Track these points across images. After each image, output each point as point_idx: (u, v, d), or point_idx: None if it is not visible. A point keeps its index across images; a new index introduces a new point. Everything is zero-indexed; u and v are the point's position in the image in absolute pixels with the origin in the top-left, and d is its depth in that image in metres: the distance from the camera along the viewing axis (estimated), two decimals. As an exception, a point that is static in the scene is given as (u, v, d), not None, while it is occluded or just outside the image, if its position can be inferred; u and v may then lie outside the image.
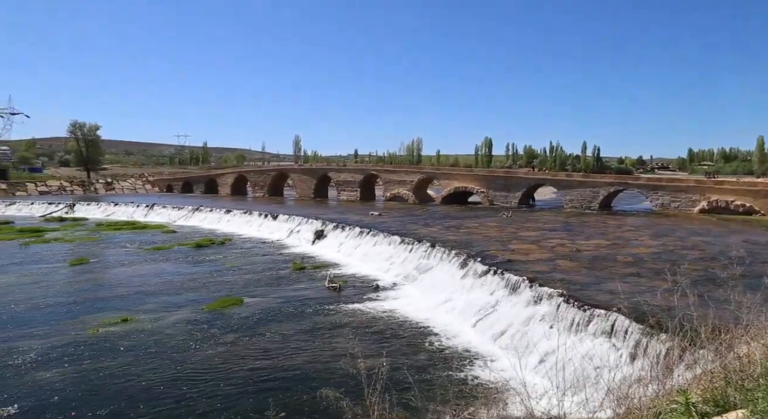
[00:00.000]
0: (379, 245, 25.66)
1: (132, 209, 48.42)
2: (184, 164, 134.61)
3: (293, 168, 69.13)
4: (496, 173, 51.04)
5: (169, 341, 13.82)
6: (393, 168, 57.17)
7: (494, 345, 13.06)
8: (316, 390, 10.60)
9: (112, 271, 23.86)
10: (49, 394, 10.61)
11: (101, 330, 14.69)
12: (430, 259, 21.47)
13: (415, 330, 14.89)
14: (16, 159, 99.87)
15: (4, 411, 9.90)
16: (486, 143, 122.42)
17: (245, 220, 38.98)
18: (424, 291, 18.95)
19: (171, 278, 21.91)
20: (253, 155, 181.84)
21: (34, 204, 53.98)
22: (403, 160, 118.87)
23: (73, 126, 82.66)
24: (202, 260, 26.03)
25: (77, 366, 12.06)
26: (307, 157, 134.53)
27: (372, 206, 44.74)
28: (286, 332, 14.66)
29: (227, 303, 17.46)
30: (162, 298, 18.52)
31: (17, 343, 13.61)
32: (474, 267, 18.15)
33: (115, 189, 77.04)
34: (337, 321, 15.74)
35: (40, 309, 17.12)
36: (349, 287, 20.08)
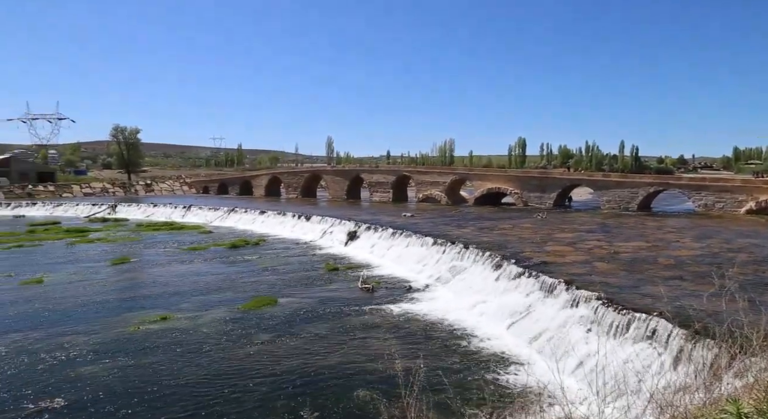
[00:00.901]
0: (411, 247, 25.59)
1: (170, 210, 49.72)
2: (220, 166, 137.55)
3: (326, 169, 69.70)
4: (531, 173, 50.23)
5: (206, 339, 14.11)
6: (425, 169, 56.98)
7: (530, 348, 12.83)
8: (350, 390, 10.65)
9: (152, 270, 24.54)
10: (93, 388, 10.98)
11: (141, 327, 15.12)
12: (463, 261, 21.28)
13: (449, 331, 14.78)
14: (63, 162, 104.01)
15: (54, 403, 10.31)
16: (519, 144, 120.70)
17: (279, 221, 39.51)
18: (458, 293, 18.79)
19: (207, 277, 22.39)
20: (286, 156, 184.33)
21: (79, 205, 56.10)
22: (435, 161, 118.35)
23: (115, 130, 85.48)
24: (237, 260, 26.51)
25: (119, 362, 12.44)
26: (339, 158, 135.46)
27: (404, 207, 44.69)
28: (319, 332, 14.77)
29: (262, 303, 17.72)
30: (199, 297, 18.94)
31: (65, 338, 14.15)
32: (508, 269, 17.90)
33: (154, 191, 79.31)
34: (370, 321, 15.77)
35: (85, 306, 17.77)
36: (382, 289, 20.09)
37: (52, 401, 10.35)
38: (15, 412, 9.93)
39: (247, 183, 69.41)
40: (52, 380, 11.43)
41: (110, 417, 9.78)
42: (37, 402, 10.31)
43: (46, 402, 10.33)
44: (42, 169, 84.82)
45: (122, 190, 77.41)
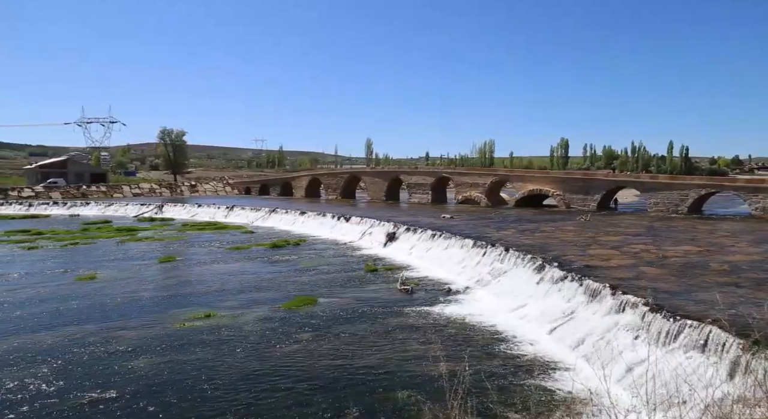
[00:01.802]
0: (451, 249, 25.41)
1: (214, 210, 51.07)
2: (261, 167, 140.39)
3: (365, 171, 70.06)
4: (574, 175, 49.03)
5: (249, 337, 14.40)
6: (465, 170, 56.49)
7: (573, 353, 12.51)
8: (390, 391, 10.66)
9: (196, 269, 25.26)
10: (142, 381, 11.38)
11: (187, 324, 15.57)
12: (503, 263, 20.97)
13: (489, 335, 14.59)
14: (114, 164, 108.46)
15: (106, 394, 10.74)
16: (562, 145, 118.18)
17: (319, 222, 39.97)
18: (498, 296, 18.53)
19: (249, 276, 22.87)
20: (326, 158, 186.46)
21: (129, 205, 58.34)
22: (474, 162, 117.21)
23: (162, 132, 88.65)
24: (278, 260, 26.96)
25: (166, 358, 12.85)
26: (378, 160, 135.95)
27: (443, 208, 44.42)
28: (359, 332, 14.84)
29: (302, 302, 17.95)
30: (241, 295, 19.36)
31: (116, 333, 14.73)
32: (550, 272, 17.52)
33: (198, 191, 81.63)
34: (409, 323, 15.74)
35: (134, 302, 18.46)
36: (421, 290, 20.02)
37: (105, 392, 10.79)
38: (72, 401, 10.40)
39: (287, 184, 70.55)
40: (104, 372, 11.91)
41: (158, 409, 10.10)
42: (92, 393, 10.76)
43: (100, 393, 10.77)
44: (95, 170, 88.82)
45: (168, 190, 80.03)
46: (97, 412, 9.98)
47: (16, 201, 64.02)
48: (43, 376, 11.68)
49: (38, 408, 10.15)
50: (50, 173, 79.29)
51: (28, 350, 13.42)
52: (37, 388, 11.05)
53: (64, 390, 10.98)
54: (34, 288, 20.56)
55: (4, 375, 11.73)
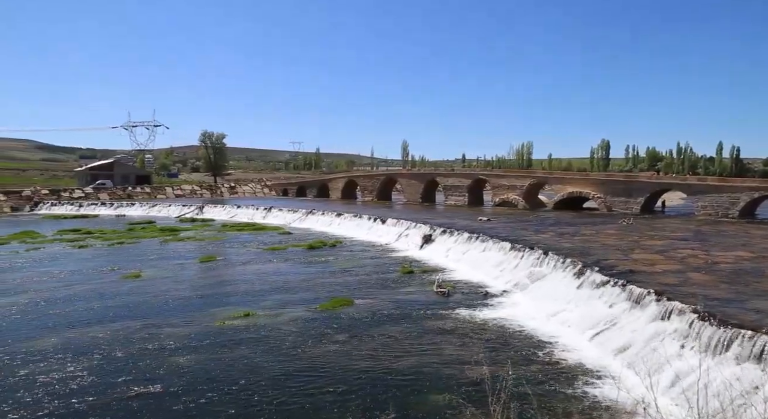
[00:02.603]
0: (488, 251, 25.09)
1: (252, 211, 52.02)
2: (298, 169, 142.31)
3: (401, 173, 70.06)
4: (615, 177, 47.69)
5: (286, 337, 14.58)
6: (502, 172, 55.78)
7: (615, 361, 12.13)
8: (427, 394, 10.61)
9: (235, 269, 25.77)
10: (184, 377, 11.67)
11: (227, 322, 15.89)
12: (542, 267, 20.57)
13: (527, 340, 14.31)
14: (157, 166, 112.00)
15: (151, 389, 11.08)
16: (603, 146, 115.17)
17: (355, 223, 40.16)
18: (536, 300, 18.17)
19: (287, 277, 23.17)
20: (362, 160, 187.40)
21: (171, 206, 60.10)
22: (512, 164, 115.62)
23: (203, 135, 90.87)
24: (314, 261, 27.22)
25: (207, 355, 13.14)
26: (414, 162, 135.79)
27: (480, 211, 43.95)
28: (395, 334, 14.81)
29: (339, 304, 18.05)
30: (279, 296, 19.63)
31: (160, 329, 15.18)
32: (591, 277, 17.06)
33: (237, 193, 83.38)
34: (445, 326, 15.61)
35: (176, 300, 18.97)
36: (458, 293, 19.84)
37: (150, 386, 11.13)
38: (118, 394, 10.77)
39: (324, 186, 71.24)
40: (149, 366, 12.29)
41: (200, 404, 10.34)
42: (138, 386, 11.12)
43: (145, 386, 11.12)
44: (140, 172, 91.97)
45: (209, 192, 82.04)
46: (143, 405, 10.29)
47: (68, 202, 66.94)
48: (93, 368, 12.14)
49: (88, 398, 10.54)
50: (99, 175, 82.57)
51: (80, 343, 13.98)
52: (88, 379, 11.50)
53: (112, 382, 11.38)
54: (84, 285, 21.42)
55: (59, 366, 12.25)
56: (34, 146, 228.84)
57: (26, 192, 68.96)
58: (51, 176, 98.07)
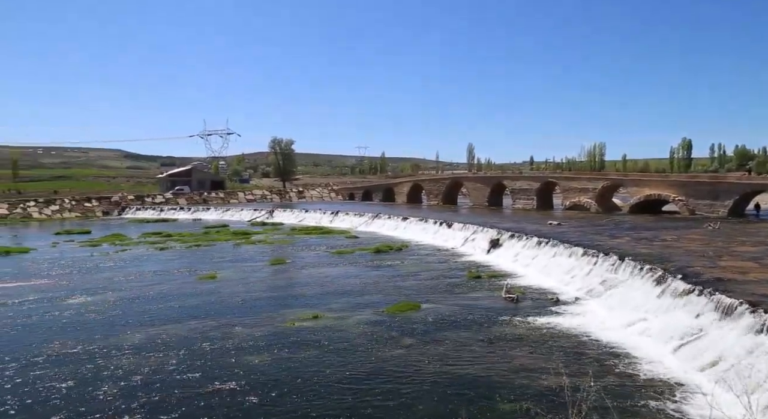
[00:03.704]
0: (558, 257, 24.21)
1: (319, 215, 53.19)
2: (364, 174, 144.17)
3: (467, 176, 69.25)
4: (699, 178, 44.65)
5: (354, 339, 14.73)
6: (573, 175, 53.80)
7: (702, 376, 11.29)
8: (497, 401, 10.35)
9: (304, 271, 26.41)
10: (257, 376, 12.05)
11: (296, 324, 16.29)
12: (618, 273, 19.57)
13: (602, 350, 13.64)
14: (230, 172, 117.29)
15: (226, 386, 11.51)
16: (683, 145, 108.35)
17: (421, 227, 40.07)
18: (612, 309, 17.29)
19: (354, 280, 23.46)
20: (427, 163, 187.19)
21: (243, 210, 62.63)
22: (583, 166, 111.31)
23: (273, 142, 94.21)
24: (381, 264, 27.39)
25: (278, 355, 13.52)
26: (480, 165, 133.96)
27: (549, 215, 42.57)
28: (462, 340, 14.58)
29: (405, 308, 18.03)
30: (346, 298, 19.89)
31: (233, 329, 15.80)
32: (673, 285, 16.00)
33: (305, 197, 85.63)
34: (515, 333, 15.19)
35: (249, 301, 19.69)
36: (527, 299, 19.28)
37: (224, 383, 11.59)
38: (195, 390, 11.28)
39: (389, 190, 71.68)
40: (224, 364, 12.80)
41: (271, 403, 10.64)
42: (213, 383, 11.61)
43: (220, 383, 11.58)
44: (215, 178, 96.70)
45: (278, 196, 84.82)
46: (217, 401, 10.72)
47: (151, 206, 71.52)
48: (171, 364, 12.82)
49: (167, 392, 11.12)
50: (177, 181, 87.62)
51: (160, 340, 14.82)
52: (168, 374, 12.14)
53: (189, 378, 11.95)
54: (165, 285, 22.73)
55: (140, 361, 13.03)
56: (123, 155, 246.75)
57: (115, 198, 74.35)
58: (136, 182, 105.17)
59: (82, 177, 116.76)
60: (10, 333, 15.94)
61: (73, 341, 14.78)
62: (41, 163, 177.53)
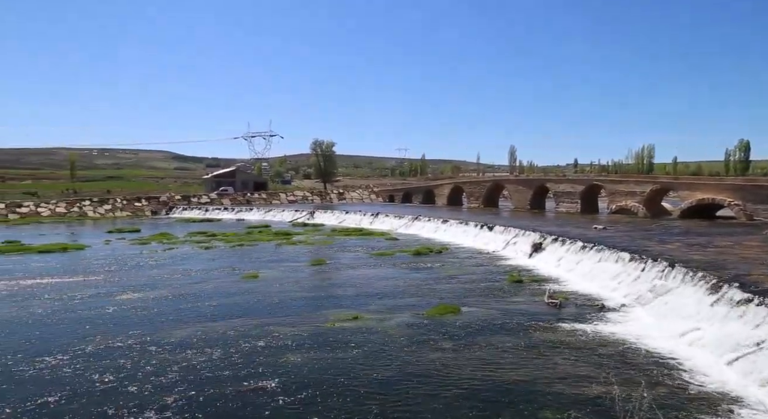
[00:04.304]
0: (604, 262, 23.46)
1: (359, 217, 53.44)
2: (404, 176, 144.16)
3: (509, 179, 68.19)
4: (758, 181, 42.38)
5: (394, 341, 14.68)
6: (620, 178, 52.10)
7: (764, 392, 10.67)
8: (540, 409, 10.09)
9: (344, 272, 26.58)
10: (297, 375, 12.17)
11: (336, 324, 16.38)
12: (668, 280, 18.77)
13: (651, 360, 13.10)
14: (272, 173, 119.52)
15: (265, 383, 11.68)
16: (741, 147, 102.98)
17: (461, 230, 39.68)
18: (661, 317, 16.60)
19: (393, 282, 23.43)
20: (467, 166, 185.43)
21: (284, 211, 63.66)
22: (630, 169, 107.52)
23: (314, 144, 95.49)
24: (420, 267, 27.26)
25: (318, 354, 13.62)
26: (522, 167, 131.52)
27: (594, 219, 41.38)
28: (503, 345, 14.32)
29: (445, 311, 17.86)
30: (386, 300, 19.88)
31: (275, 328, 16.03)
32: (729, 294, 15.21)
33: (345, 199, 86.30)
34: (557, 339, 14.80)
35: (290, 301, 19.96)
36: (570, 305, 18.77)
37: (264, 381, 11.76)
38: (236, 386, 11.49)
39: (429, 192, 71.38)
40: (265, 362, 12.99)
41: (311, 402, 10.70)
42: (254, 381, 11.79)
43: (260, 381, 11.76)
44: (258, 179, 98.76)
45: (319, 198, 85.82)
46: (258, 399, 10.88)
47: (196, 206, 73.69)
48: (215, 360, 13.11)
49: (209, 387, 11.37)
50: (222, 182, 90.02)
51: (204, 337, 15.19)
52: (210, 370, 12.42)
53: (230, 374, 12.18)
54: (210, 283, 23.33)
55: (185, 357, 13.39)
56: (171, 157, 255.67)
57: (163, 198, 76.97)
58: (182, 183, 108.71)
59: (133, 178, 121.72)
60: (64, 324, 16.71)
61: (122, 335, 15.36)
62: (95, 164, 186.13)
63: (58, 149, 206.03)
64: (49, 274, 25.86)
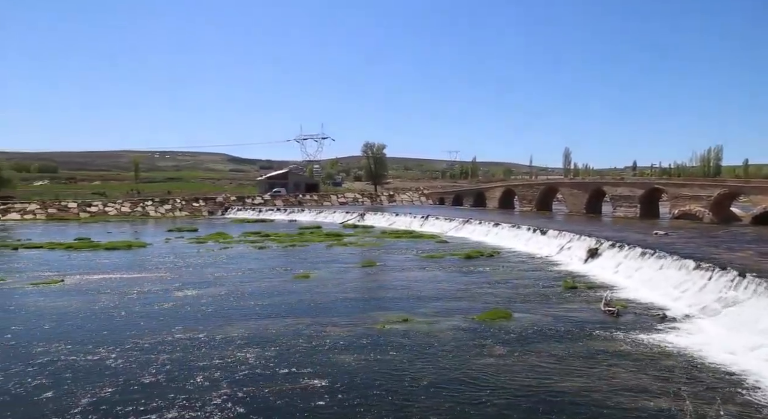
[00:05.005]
0: (666, 269, 22.36)
1: (409, 219, 53.39)
2: (455, 178, 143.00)
3: (563, 182, 66.35)
4: (838, 186, 39.36)
5: (444, 345, 14.54)
6: (683, 181, 49.67)
7: None
8: (597, 422, 9.71)
9: (394, 274, 26.59)
10: (347, 376, 12.24)
11: (387, 326, 16.39)
12: (737, 291, 17.66)
13: (718, 375, 12.34)
14: (324, 175, 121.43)
15: (315, 382, 11.83)
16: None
17: (513, 234, 38.91)
18: (731, 329, 15.63)
19: (443, 285, 23.23)
20: (519, 168, 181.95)
21: (335, 213, 64.50)
22: (694, 172, 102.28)
23: (365, 146, 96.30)
24: (471, 270, 26.90)
25: (368, 356, 13.66)
26: (577, 170, 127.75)
27: (655, 224, 39.58)
28: (557, 353, 13.89)
29: (496, 316, 17.53)
30: (435, 303, 19.73)
31: (325, 328, 16.22)
32: (808, 307, 14.15)
33: (395, 201, 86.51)
34: (615, 349, 14.21)
35: (341, 301, 20.17)
36: (629, 314, 17.99)
37: (315, 380, 11.90)
38: (288, 385, 11.67)
39: (480, 195, 70.46)
40: (315, 362, 13.14)
41: (361, 403, 10.74)
42: (305, 380, 11.96)
43: (311, 380, 11.91)
44: (309, 181, 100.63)
45: (369, 200, 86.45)
46: (307, 397, 11.01)
47: (250, 207, 75.84)
48: (267, 358, 13.39)
49: (261, 384, 11.61)
50: (275, 184, 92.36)
51: (258, 334, 15.58)
52: (263, 367, 12.69)
53: (281, 373, 12.40)
54: (263, 282, 23.91)
55: (238, 353, 13.75)
56: (226, 159, 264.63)
57: (219, 199, 79.75)
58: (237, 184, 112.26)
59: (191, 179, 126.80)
60: (126, 317, 17.57)
61: (178, 329, 15.97)
62: (157, 166, 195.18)
63: (124, 152, 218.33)
64: (115, 270, 27.31)
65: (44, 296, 20.96)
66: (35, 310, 18.74)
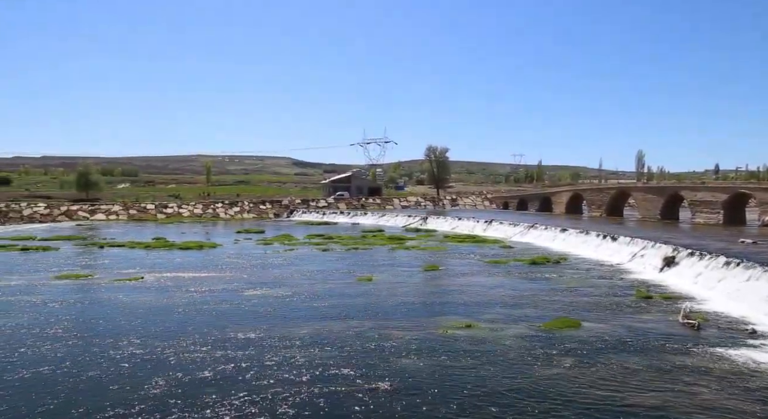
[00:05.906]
0: (754, 281, 20.69)
1: (472, 223, 52.68)
2: (519, 182, 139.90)
3: (635, 186, 63.18)
4: None
5: (508, 353, 14.16)
6: (772, 185, 45.95)
7: None
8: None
9: (456, 279, 26.26)
10: (409, 379, 12.18)
11: (449, 331, 16.19)
12: (839, 306, 16.08)
13: (820, 398, 11.24)
14: (386, 179, 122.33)
15: (381, 385, 11.86)
16: None
17: (581, 240, 37.46)
18: (831, 348, 14.23)
19: (508, 291, 22.68)
20: (588, 172, 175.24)
21: (398, 216, 64.74)
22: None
23: (428, 149, 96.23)
24: (537, 277, 26.13)
25: (431, 360, 13.54)
26: (651, 174, 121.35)
27: (741, 231, 36.83)
28: (630, 366, 13.16)
29: (564, 325, 16.89)
30: (499, 310, 19.29)
31: (388, 331, 16.24)
32: None
33: (458, 205, 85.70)
34: (696, 365, 13.28)
35: (403, 305, 20.14)
36: (711, 327, 16.79)
37: (377, 383, 11.91)
38: (350, 387, 11.75)
39: (546, 200, 68.47)
40: (377, 365, 13.17)
41: (424, 408, 10.64)
42: (365, 382, 12.00)
43: (373, 382, 11.94)
44: (372, 184, 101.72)
45: (431, 204, 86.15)
46: (371, 400, 11.02)
47: (315, 210, 77.66)
48: (330, 358, 13.57)
49: (322, 385, 11.75)
50: (338, 187, 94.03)
51: (320, 335, 15.83)
52: (324, 368, 12.84)
53: (344, 375, 12.50)
54: (327, 284, 24.33)
55: (302, 353, 14.02)
56: (292, 162, 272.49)
57: (285, 202, 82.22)
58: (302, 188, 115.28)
59: (258, 182, 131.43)
60: (197, 315, 18.38)
61: (245, 328, 16.47)
62: (227, 170, 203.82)
63: (196, 157, 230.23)
64: (188, 268, 28.76)
65: (128, 292, 22.40)
66: (119, 305, 20.05)
